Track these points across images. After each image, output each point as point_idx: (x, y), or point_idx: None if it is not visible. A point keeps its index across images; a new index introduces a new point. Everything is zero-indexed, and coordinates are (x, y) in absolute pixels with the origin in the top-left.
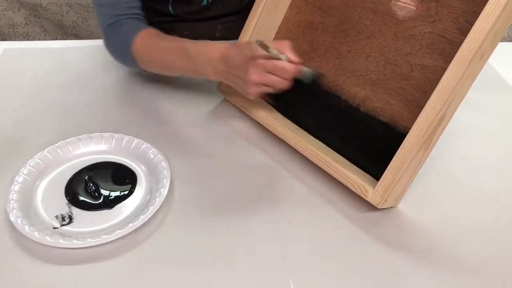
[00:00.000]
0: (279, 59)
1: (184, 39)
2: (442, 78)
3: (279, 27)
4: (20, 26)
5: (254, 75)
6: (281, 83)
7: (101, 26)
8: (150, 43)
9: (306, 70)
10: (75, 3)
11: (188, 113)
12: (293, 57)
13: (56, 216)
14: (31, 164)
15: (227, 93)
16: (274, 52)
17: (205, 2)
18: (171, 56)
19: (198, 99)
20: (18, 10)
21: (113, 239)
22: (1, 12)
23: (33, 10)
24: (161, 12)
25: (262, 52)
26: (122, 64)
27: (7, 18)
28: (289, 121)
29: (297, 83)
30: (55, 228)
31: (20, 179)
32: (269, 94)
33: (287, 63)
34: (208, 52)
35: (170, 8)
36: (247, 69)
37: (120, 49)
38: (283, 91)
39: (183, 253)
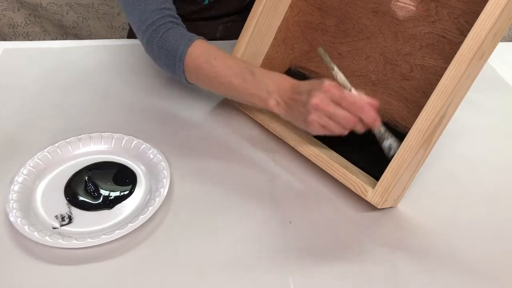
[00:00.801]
0: (349, 89)
1: (246, 61)
2: (442, 78)
3: (279, 27)
4: (20, 26)
5: (317, 98)
6: (344, 119)
7: (139, 30)
8: (208, 57)
9: (390, 135)
10: (75, 3)
11: (188, 113)
12: (367, 99)
13: (56, 216)
14: (31, 164)
15: None
16: (339, 74)
17: (206, 2)
18: (231, 76)
19: (198, 99)
20: (18, 10)
21: (113, 239)
22: (1, 12)
23: (33, 10)
24: None
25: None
26: (165, 71)
27: (7, 18)
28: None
29: None
30: (54, 228)
31: (19, 179)
32: None
33: (355, 95)
34: (277, 79)
35: None
36: (311, 91)
37: (167, 58)
38: None
39: (183, 253)
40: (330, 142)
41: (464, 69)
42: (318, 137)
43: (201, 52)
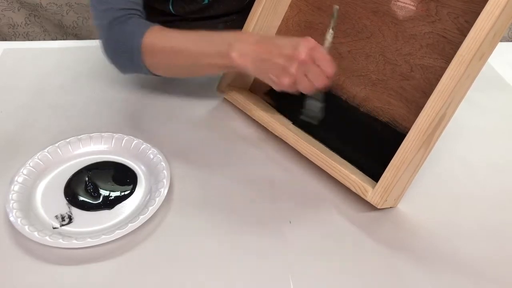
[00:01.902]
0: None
1: (192, 31)
2: (442, 78)
3: (279, 27)
4: (20, 26)
5: (305, 52)
6: (319, 79)
7: (101, 23)
8: (163, 33)
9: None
10: (75, 3)
11: (188, 113)
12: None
13: (56, 216)
14: (31, 164)
15: (227, 93)
16: (329, 40)
17: (206, 1)
18: (187, 43)
19: (198, 99)
20: (18, 10)
21: (113, 239)
22: (1, 12)
23: (33, 10)
24: (161, 11)
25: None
26: (123, 67)
27: (7, 18)
28: (289, 121)
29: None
30: (54, 228)
31: (19, 179)
32: (268, 93)
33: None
34: (239, 33)
35: (171, 7)
36: (298, 44)
37: (125, 45)
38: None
39: (183, 253)
40: (330, 142)
41: (464, 69)
42: (318, 138)
43: (157, 34)
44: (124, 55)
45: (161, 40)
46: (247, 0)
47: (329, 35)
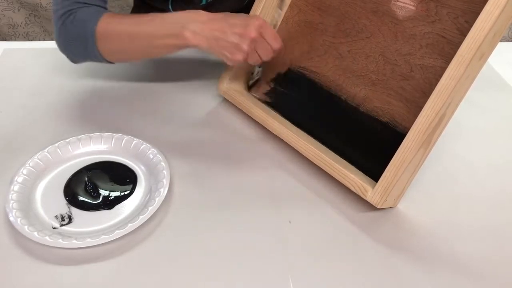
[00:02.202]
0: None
1: (144, 14)
2: (442, 78)
3: (279, 27)
4: (20, 26)
5: (255, 31)
6: (267, 52)
7: (56, 14)
8: (117, 18)
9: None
10: None
11: (188, 113)
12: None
13: (56, 216)
14: (31, 164)
15: (227, 93)
16: (276, 17)
17: (204, 2)
18: (140, 25)
19: (198, 99)
20: (18, 10)
21: (113, 239)
22: (1, 12)
23: (33, 10)
24: (161, 11)
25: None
26: (76, 56)
27: (7, 18)
28: (288, 121)
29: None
30: (54, 228)
31: (19, 179)
32: (268, 93)
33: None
34: (190, 13)
35: (170, 6)
36: (248, 24)
37: (79, 33)
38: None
39: (183, 253)
40: (330, 142)
41: (464, 69)
42: (318, 137)
43: (110, 19)
44: (76, 43)
45: (114, 25)
46: (246, 1)
47: (277, 14)
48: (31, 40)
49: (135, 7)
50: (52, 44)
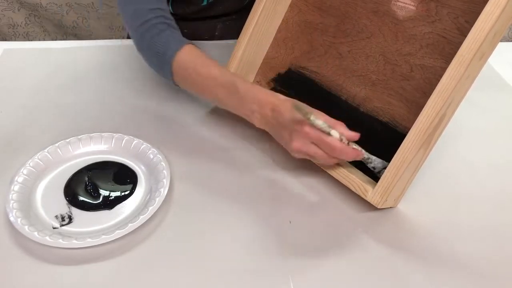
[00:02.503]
0: (328, 132)
1: (231, 72)
2: (442, 78)
3: (279, 27)
4: (20, 26)
5: (297, 142)
6: (325, 159)
7: (131, 27)
8: (195, 65)
9: (373, 158)
10: (75, 3)
11: (188, 113)
12: (348, 134)
13: (56, 216)
14: (31, 164)
15: None
16: (317, 122)
17: (205, 3)
18: (217, 89)
19: (198, 99)
20: (18, 10)
21: (113, 239)
22: (1, 12)
23: (33, 10)
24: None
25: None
26: (155, 70)
27: (7, 18)
28: None
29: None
30: (54, 228)
31: (19, 179)
32: None
33: (335, 140)
34: (259, 99)
35: (171, 7)
36: (292, 133)
37: (157, 59)
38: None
39: (183, 253)
40: None
41: (464, 69)
42: None
43: (189, 58)
44: (153, 59)
45: (191, 72)
46: (247, 1)
47: (313, 121)
48: (31, 40)
49: None
50: (52, 44)
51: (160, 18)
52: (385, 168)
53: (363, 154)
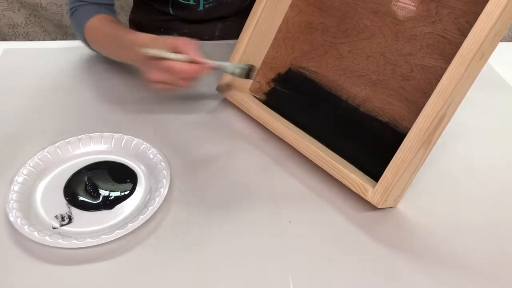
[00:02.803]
0: (169, 58)
1: (123, 27)
2: (442, 78)
3: (279, 27)
4: (20, 26)
5: (151, 74)
6: (178, 81)
7: (68, 5)
8: (99, 28)
9: (225, 64)
10: None
11: (188, 113)
12: (196, 57)
13: (56, 216)
14: (31, 164)
15: (227, 93)
16: (150, 51)
17: (201, 8)
18: (111, 44)
19: (198, 99)
20: (18, 10)
21: (113, 239)
22: (1, 12)
23: (33, 10)
24: (162, 12)
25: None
26: (81, 41)
27: (7, 18)
28: (289, 121)
29: (291, 83)
30: (54, 228)
31: (19, 179)
32: (268, 93)
33: (183, 64)
34: (132, 43)
35: (170, 9)
36: (144, 67)
37: (76, 29)
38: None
39: (183, 253)
40: (330, 141)
41: (464, 69)
42: (318, 137)
43: (98, 24)
44: (80, 38)
45: (95, 35)
46: (247, 3)
47: (145, 49)
48: (31, 40)
49: (135, 7)
50: (52, 44)
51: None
52: (242, 68)
53: (211, 65)
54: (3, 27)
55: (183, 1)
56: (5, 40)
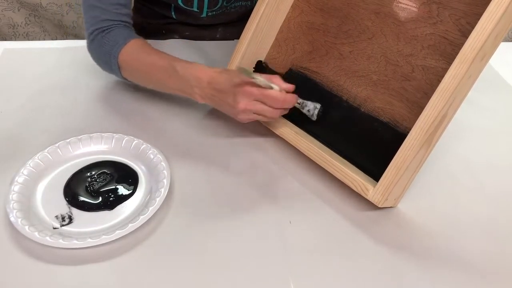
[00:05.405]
0: (269, 88)
1: (171, 56)
2: (444, 77)
3: (281, 27)
4: (20, 26)
5: (242, 102)
6: (271, 113)
7: (87, 29)
8: (138, 55)
9: (307, 103)
10: (75, 3)
11: (188, 113)
12: (285, 86)
13: (56, 216)
14: (31, 165)
15: None
16: (259, 79)
17: (204, 15)
18: (158, 73)
19: None
20: (18, 10)
21: (113, 239)
22: (1, 12)
23: (33, 10)
24: (163, 15)
25: (250, 79)
26: (105, 70)
27: (7, 18)
28: (289, 121)
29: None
30: (55, 228)
31: (20, 179)
32: None
33: (276, 92)
34: (196, 74)
35: (173, 14)
36: (235, 96)
37: (105, 55)
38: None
39: (183, 253)
40: (331, 141)
41: (466, 68)
42: (319, 137)
43: (132, 50)
44: (104, 66)
45: (134, 62)
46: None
47: (256, 80)
48: (31, 40)
49: (135, 9)
50: (52, 44)
51: (119, 22)
52: (317, 109)
53: (298, 98)
54: (3, 27)
55: (187, 8)
56: (5, 40)
